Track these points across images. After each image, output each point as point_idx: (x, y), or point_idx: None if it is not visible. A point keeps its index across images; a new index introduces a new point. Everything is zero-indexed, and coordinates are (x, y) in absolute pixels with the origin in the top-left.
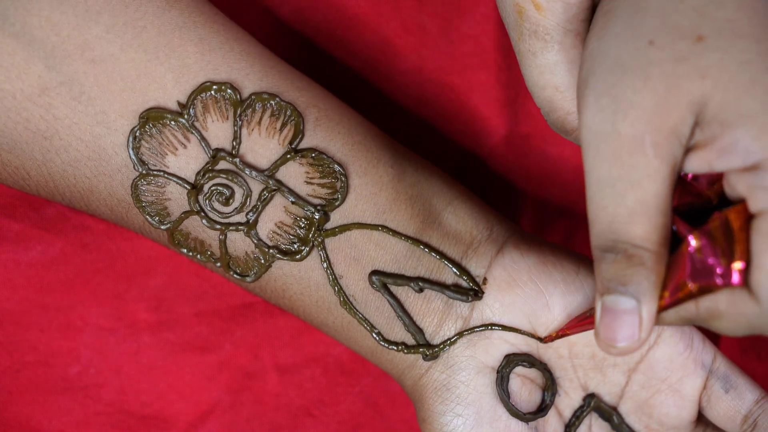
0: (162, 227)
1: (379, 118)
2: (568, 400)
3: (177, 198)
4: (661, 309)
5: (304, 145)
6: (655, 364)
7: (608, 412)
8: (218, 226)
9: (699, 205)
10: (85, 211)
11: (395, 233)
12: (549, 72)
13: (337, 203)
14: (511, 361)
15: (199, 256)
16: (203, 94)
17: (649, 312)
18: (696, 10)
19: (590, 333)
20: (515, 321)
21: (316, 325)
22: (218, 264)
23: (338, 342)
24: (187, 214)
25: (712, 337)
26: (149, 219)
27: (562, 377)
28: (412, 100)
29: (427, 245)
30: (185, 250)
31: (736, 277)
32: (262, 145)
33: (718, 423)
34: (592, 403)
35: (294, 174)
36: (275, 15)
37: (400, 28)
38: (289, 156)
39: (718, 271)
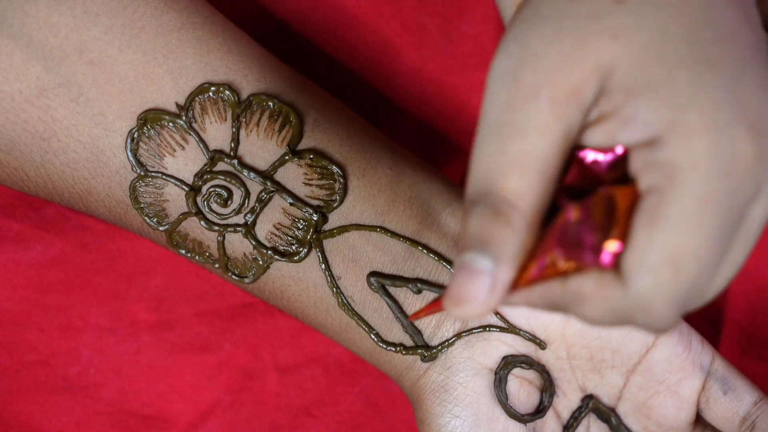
0: (160, 228)
1: (378, 118)
2: (566, 402)
3: (175, 199)
4: (528, 282)
5: (302, 146)
6: (653, 365)
7: (606, 413)
8: (216, 228)
9: (592, 189)
10: (84, 212)
11: (393, 234)
12: None
13: (335, 205)
14: (509, 362)
15: (197, 257)
16: (201, 96)
17: (504, 278)
18: None
19: (590, 332)
20: (513, 322)
21: (314, 326)
22: (216, 265)
23: None
24: (185, 215)
25: (712, 339)
26: (147, 220)
27: (560, 378)
28: (412, 100)
29: (425, 246)
30: (184, 251)
31: (607, 258)
32: (260, 147)
33: (717, 425)
34: (590, 404)
35: (292, 175)
36: (274, 15)
37: (400, 28)
38: (287, 157)
39: (590, 248)
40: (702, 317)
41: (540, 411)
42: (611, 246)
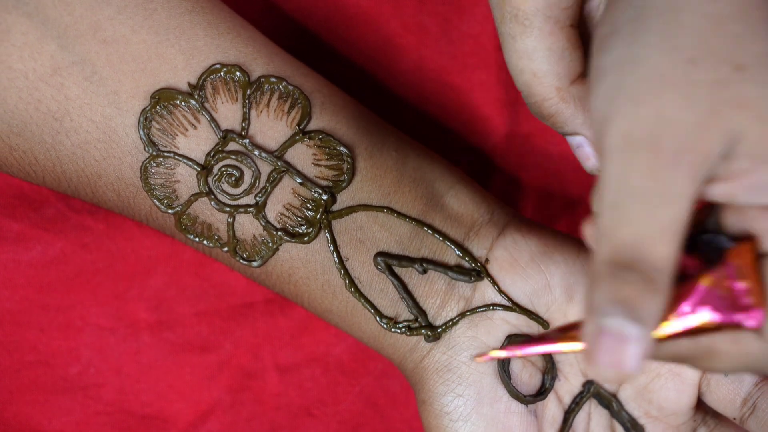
0: (170, 211)
1: (380, 115)
2: (568, 386)
3: (186, 180)
4: (666, 338)
5: (310, 128)
6: None
7: (607, 399)
8: (227, 209)
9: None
10: (91, 198)
11: (400, 215)
12: (527, 57)
13: (343, 185)
14: (513, 342)
15: (206, 241)
16: (213, 76)
17: (651, 343)
18: (735, 38)
19: None
20: (517, 302)
21: (319, 312)
22: (225, 249)
23: (338, 341)
24: (196, 196)
25: None
26: (157, 203)
27: (563, 362)
28: (413, 98)
29: (430, 227)
30: (192, 236)
31: (758, 319)
32: (270, 127)
33: (717, 407)
34: (591, 389)
35: (302, 156)
36: (276, 13)
37: (400, 27)
38: (297, 138)
39: (743, 309)
40: None
41: (542, 393)
42: (762, 308)
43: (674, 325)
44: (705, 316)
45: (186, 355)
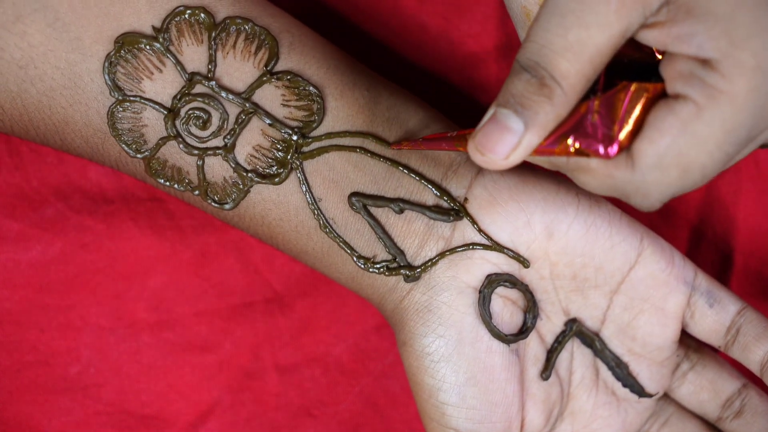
0: (138, 156)
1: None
2: (549, 325)
3: (154, 124)
4: (537, 152)
5: (278, 69)
6: (637, 283)
7: (590, 338)
8: (196, 152)
9: (639, 60)
10: (60, 146)
11: (373, 155)
12: None
13: (314, 125)
14: (493, 281)
15: (176, 185)
16: (177, 18)
17: (529, 143)
18: None
19: (573, 249)
20: (497, 240)
21: (295, 253)
22: (196, 192)
23: (338, 341)
24: (164, 140)
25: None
26: (125, 148)
27: (544, 300)
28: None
29: (406, 166)
30: (162, 180)
31: (613, 152)
32: (237, 69)
33: (703, 337)
34: (573, 328)
35: (270, 97)
36: None
37: (399, 27)
38: (264, 78)
39: (602, 140)
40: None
41: (523, 332)
42: (621, 138)
43: (548, 142)
44: (569, 139)
45: (186, 355)
